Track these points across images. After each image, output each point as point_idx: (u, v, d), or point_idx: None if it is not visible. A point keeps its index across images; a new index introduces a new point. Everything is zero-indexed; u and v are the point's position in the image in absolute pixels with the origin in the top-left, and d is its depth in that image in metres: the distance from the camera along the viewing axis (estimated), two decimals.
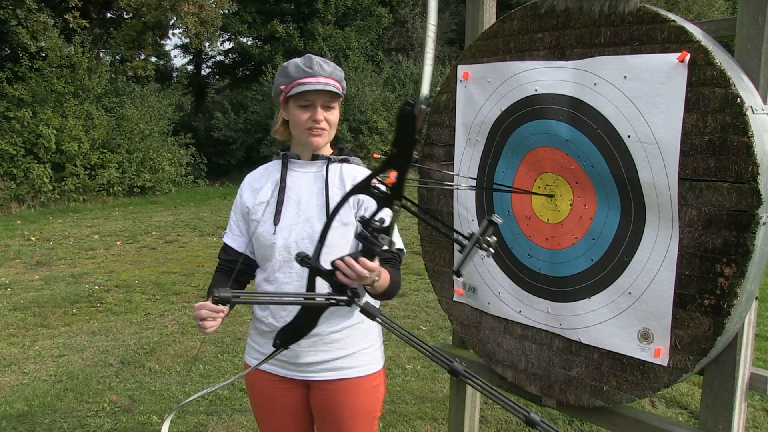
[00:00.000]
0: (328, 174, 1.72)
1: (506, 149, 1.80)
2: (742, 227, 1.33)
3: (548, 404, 1.81)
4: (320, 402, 1.79)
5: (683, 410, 3.36)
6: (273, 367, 1.79)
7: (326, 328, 1.71)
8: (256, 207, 1.77)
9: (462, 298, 2.02)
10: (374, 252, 1.25)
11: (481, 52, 1.86)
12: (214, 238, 8.66)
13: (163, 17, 14.95)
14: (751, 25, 1.41)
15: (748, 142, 1.30)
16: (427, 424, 3.28)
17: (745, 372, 1.55)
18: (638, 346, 1.54)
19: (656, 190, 1.45)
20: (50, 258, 7.63)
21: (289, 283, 1.70)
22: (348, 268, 1.29)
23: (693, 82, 1.37)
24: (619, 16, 1.50)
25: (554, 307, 1.72)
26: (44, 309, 5.47)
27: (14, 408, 3.51)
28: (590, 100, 1.55)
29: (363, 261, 1.29)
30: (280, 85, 1.72)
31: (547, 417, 3.28)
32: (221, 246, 1.86)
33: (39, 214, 11.40)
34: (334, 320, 1.72)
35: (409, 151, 1.00)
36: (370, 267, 1.31)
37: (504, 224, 1.84)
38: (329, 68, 1.68)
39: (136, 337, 4.69)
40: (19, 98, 12.17)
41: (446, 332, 4.60)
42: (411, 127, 0.95)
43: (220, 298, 1.10)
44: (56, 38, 12.63)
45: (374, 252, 1.25)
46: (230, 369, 4.00)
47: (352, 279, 1.29)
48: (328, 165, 1.73)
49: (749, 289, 1.42)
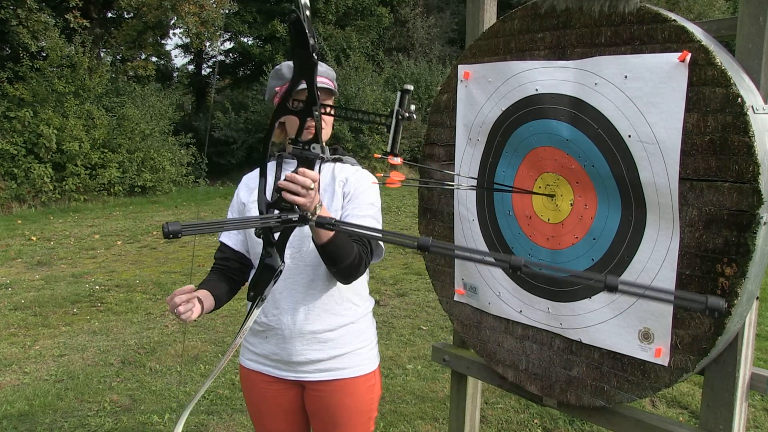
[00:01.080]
0: (320, 173, 1.73)
1: (507, 149, 1.80)
2: (742, 227, 1.33)
3: (549, 404, 1.81)
4: (315, 403, 1.79)
5: (684, 410, 3.36)
6: (267, 368, 1.79)
7: (320, 327, 1.72)
8: (250, 205, 1.78)
9: (463, 298, 2.02)
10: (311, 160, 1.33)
11: (482, 52, 1.86)
12: (215, 238, 8.63)
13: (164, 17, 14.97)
14: (751, 25, 1.41)
15: (748, 142, 1.30)
16: (428, 423, 3.28)
17: (746, 372, 1.55)
18: (639, 346, 1.54)
19: (657, 189, 1.45)
20: (51, 258, 7.63)
21: (283, 281, 1.71)
22: (291, 183, 1.31)
23: (694, 81, 1.37)
24: (619, 15, 1.50)
25: (555, 306, 1.72)
26: (45, 309, 5.47)
27: (15, 407, 3.51)
28: (591, 99, 1.55)
29: (302, 170, 1.33)
30: (274, 87, 1.73)
31: (548, 417, 3.28)
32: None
33: (40, 214, 11.41)
34: (327, 319, 1.72)
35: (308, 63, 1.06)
36: (312, 175, 1.32)
37: (505, 224, 1.84)
38: (321, 68, 1.69)
39: (136, 337, 4.69)
40: (20, 98, 12.18)
41: (447, 332, 4.60)
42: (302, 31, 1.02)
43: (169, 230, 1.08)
44: (57, 38, 12.64)
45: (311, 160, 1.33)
46: (231, 369, 4.00)
47: (300, 194, 1.31)
48: (321, 164, 1.74)
49: (750, 289, 1.42)
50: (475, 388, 2.26)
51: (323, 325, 1.72)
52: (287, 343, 1.73)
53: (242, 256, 1.81)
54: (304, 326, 1.71)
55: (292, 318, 1.71)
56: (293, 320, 1.71)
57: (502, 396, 3.51)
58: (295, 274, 1.71)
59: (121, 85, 14.93)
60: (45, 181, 11.97)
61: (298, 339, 1.72)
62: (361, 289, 1.82)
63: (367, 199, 1.73)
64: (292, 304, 1.71)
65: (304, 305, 1.71)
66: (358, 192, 1.72)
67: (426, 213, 2.13)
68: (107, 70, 14.14)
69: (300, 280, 1.71)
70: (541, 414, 3.30)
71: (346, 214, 1.70)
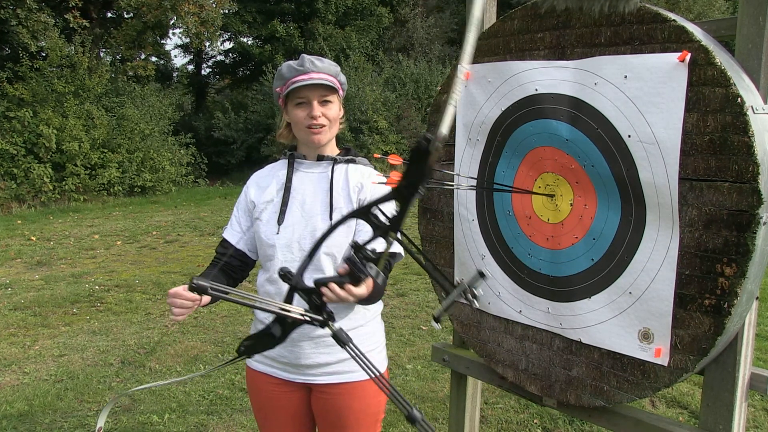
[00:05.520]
0: (333, 175, 1.72)
1: (506, 149, 1.80)
2: (742, 227, 1.33)
3: (549, 404, 1.81)
4: (323, 405, 1.78)
5: (684, 410, 3.36)
6: (274, 369, 1.78)
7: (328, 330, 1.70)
8: (260, 205, 1.76)
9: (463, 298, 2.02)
10: (360, 279, 1.23)
11: (482, 52, 1.86)
12: (215, 238, 8.66)
13: (164, 17, 14.97)
14: (751, 25, 1.41)
15: (748, 142, 1.30)
16: None
17: (746, 372, 1.55)
18: (639, 346, 1.54)
19: (657, 189, 1.45)
20: (50, 258, 7.63)
21: None
22: (332, 293, 1.28)
23: (693, 81, 1.37)
24: (619, 15, 1.50)
25: (554, 306, 1.72)
26: (45, 309, 5.47)
27: (15, 407, 3.51)
28: (591, 99, 1.55)
29: (348, 288, 1.29)
30: (276, 88, 1.73)
31: (548, 417, 3.28)
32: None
33: (39, 214, 11.40)
34: (336, 322, 1.71)
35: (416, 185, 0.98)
36: (356, 294, 1.31)
37: (504, 224, 1.84)
38: (322, 64, 1.68)
39: (136, 337, 4.69)
40: (20, 98, 12.18)
41: (447, 332, 4.60)
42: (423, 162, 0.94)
43: (197, 286, 1.08)
44: (56, 38, 12.65)
45: (360, 279, 1.23)
46: (231, 369, 4.00)
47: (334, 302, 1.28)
48: (334, 165, 1.73)
49: (750, 289, 1.42)
50: (475, 388, 2.26)
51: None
52: (295, 345, 1.71)
53: (244, 255, 1.80)
54: (313, 329, 1.69)
55: None
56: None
57: (502, 396, 3.51)
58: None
59: (121, 85, 14.93)
60: (45, 181, 11.97)
61: (307, 342, 1.71)
62: None
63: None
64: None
65: None
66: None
67: (426, 213, 2.13)
68: (107, 70, 14.14)
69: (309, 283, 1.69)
70: (541, 414, 3.30)
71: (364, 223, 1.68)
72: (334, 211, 1.68)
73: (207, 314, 5.20)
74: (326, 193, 1.70)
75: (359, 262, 1.18)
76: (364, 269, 1.18)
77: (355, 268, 1.19)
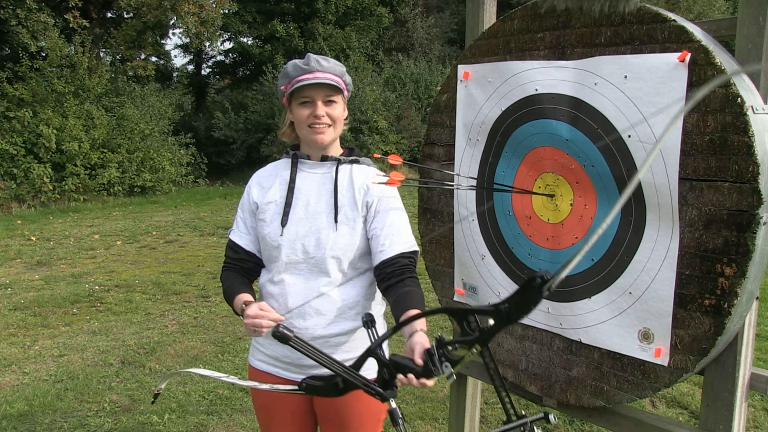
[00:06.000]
0: (337, 175, 1.71)
1: (507, 149, 1.80)
2: (742, 227, 1.33)
3: (549, 404, 1.81)
4: (326, 406, 1.77)
5: (684, 410, 3.36)
6: (277, 369, 1.78)
7: (332, 331, 1.70)
8: (263, 206, 1.75)
9: (462, 298, 2.02)
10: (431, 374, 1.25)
11: (482, 52, 1.86)
12: (215, 238, 8.66)
13: (164, 17, 14.95)
14: (751, 25, 1.41)
15: (748, 142, 1.30)
16: (428, 424, 3.27)
17: (746, 372, 1.54)
18: (639, 346, 1.54)
19: (657, 189, 1.45)
20: (50, 258, 7.63)
21: (295, 285, 1.68)
22: (405, 378, 1.31)
23: (693, 81, 1.37)
24: (619, 15, 1.50)
25: (554, 306, 1.72)
26: (44, 309, 5.47)
27: (15, 408, 3.51)
28: (591, 99, 1.55)
29: (423, 381, 1.29)
30: (281, 86, 1.72)
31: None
32: (223, 245, 1.84)
33: (39, 214, 11.40)
34: (340, 323, 1.70)
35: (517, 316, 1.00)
36: (427, 386, 1.32)
37: (504, 224, 1.84)
38: (328, 64, 1.67)
39: (136, 337, 4.69)
40: (20, 98, 12.17)
41: (447, 332, 4.60)
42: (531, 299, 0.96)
43: (282, 335, 1.29)
44: (56, 38, 12.63)
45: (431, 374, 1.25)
46: (230, 369, 4.00)
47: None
48: (338, 166, 1.72)
49: (750, 289, 1.42)
50: (475, 388, 2.26)
51: (335, 329, 1.70)
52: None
53: (254, 256, 1.79)
54: (316, 330, 1.69)
55: (305, 321, 1.69)
56: (305, 324, 1.69)
57: None
58: (309, 278, 1.69)
59: (121, 85, 14.91)
60: (44, 181, 11.96)
61: (310, 342, 1.71)
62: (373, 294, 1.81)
63: (394, 208, 1.71)
64: (304, 308, 1.69)
65: (316, 309, 1.69)
66: (381, 204, 1.70)
67: (426, 213, 2.13)
68: (107, 70, 14.12)
69: (314, 285, 1.68)
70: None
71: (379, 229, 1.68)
72: (339, 212, 1.68)
73: (207, 314, 5.21)
74: (330, 193, 1.70)
75: (437, 357, 1.21)
76: (440, 367, 1.21)
77: (431, 362, 1.22)
